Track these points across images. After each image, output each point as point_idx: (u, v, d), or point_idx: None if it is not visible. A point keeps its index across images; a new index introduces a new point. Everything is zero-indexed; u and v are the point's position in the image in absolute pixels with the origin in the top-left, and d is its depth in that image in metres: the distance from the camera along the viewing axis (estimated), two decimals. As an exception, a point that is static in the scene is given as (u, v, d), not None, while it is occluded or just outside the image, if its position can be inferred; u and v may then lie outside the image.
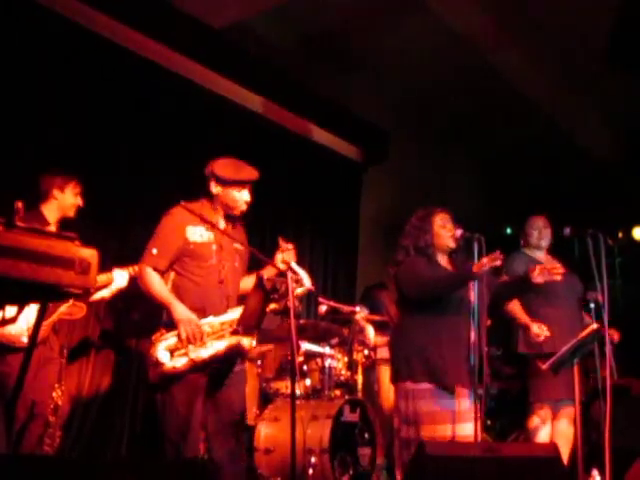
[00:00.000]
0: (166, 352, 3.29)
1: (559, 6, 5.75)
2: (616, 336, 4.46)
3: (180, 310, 3.31)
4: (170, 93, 5.66)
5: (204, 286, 3.43)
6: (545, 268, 3.76)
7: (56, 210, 4.06)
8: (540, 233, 4.69)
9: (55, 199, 4.05)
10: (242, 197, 3.52)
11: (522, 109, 7.14)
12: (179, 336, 3.27)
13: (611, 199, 7.95)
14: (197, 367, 3.29)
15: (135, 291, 5.11)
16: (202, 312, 3.36)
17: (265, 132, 6.45)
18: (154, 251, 3.41)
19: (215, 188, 3.51)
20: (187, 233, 3.44)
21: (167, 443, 3.31)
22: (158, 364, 3.28)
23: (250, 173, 3.54)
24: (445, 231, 3.83)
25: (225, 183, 3.50)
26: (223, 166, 3.52)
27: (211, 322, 3.35)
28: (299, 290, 3.44)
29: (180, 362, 3.27)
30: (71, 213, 4.11)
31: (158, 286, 3.38)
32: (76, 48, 5.01)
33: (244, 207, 3.55)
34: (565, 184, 8.07)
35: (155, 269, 3.40)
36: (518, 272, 4.57)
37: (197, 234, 3.45)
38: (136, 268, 3.96)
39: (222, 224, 3.56)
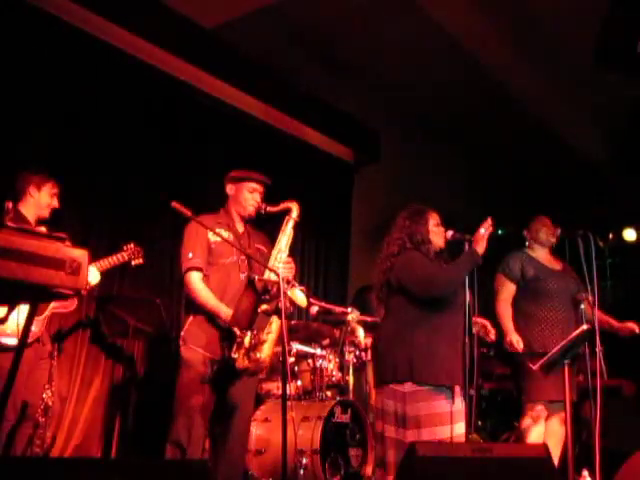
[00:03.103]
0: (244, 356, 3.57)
1: (546, 6, 5.78)
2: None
3: (227, 312, 3.62)
4: (160, 92, 5.65)
5: (225, 279, 3.77)
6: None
7: (32, 209, 4.01)
8: (549, 229, 4.72)
9: (31, 197, 3.99)
10: (253, 197, 3.94)
11: (512, 110, 7.15)
12: (236, 335, 3.54)
13: (602, 200, 7.98)
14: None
15: (123, 290, 5.13)
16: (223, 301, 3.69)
17: (256, 132, 6.43)
18: (190, 255, 3.76)
19: (230, 190, 3.98)
20: (209, 234, 3.80)
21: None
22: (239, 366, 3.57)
23: (262, 175, 4.01)
24: (438, 230, 3.82)
25: (238, 180, 3.97)
26: (238, 169, 4.02)
27: None
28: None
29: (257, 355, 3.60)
30: (45, 213, 4.06)
31: (204, 295, 3.70)
32: (65, 47, 4.99)
33: (252, 209, 3.93)
34: (556, 185, 8.10)
35: (196, 269, 3.74)
36: (514, 271, 4.61)
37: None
38: (104, 262, 4.22)
39: (240, 228, 3.98)
